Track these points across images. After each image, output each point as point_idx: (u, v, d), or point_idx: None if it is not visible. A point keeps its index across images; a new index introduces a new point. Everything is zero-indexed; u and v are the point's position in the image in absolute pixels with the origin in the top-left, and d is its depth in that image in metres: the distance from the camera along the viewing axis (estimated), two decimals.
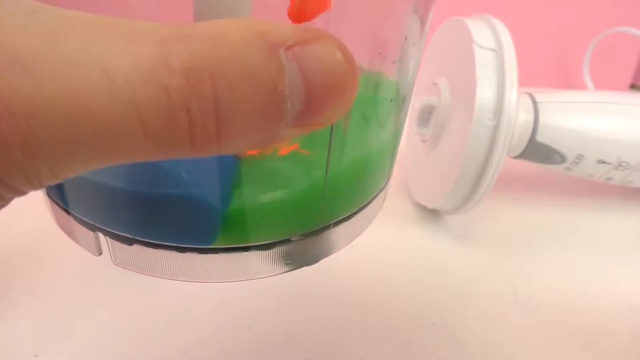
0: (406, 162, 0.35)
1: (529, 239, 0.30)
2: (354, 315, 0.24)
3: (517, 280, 0.26)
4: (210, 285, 0.24)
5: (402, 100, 0.14)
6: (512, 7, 0.48)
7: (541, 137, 0.27)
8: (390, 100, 0.13)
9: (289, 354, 0.22)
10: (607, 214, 0.33)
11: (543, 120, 0.27)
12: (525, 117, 0.27)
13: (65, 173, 0.08)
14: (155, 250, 0.12)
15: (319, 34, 0.08)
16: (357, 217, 0.14)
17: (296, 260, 0.13)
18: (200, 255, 0.12)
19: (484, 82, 0.24)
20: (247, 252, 0.12)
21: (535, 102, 0.28)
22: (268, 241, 0.12)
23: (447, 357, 0.22)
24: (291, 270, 0.13)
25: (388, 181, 0.15)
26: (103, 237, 0.12)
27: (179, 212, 0.11)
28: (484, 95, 0.24)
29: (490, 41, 0.25)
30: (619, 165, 0.29)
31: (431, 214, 0.31)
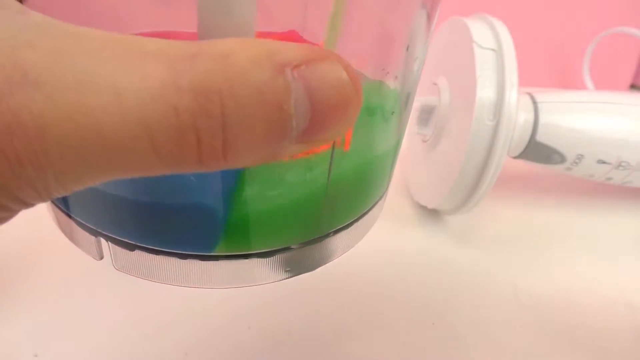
0: (406, 162, 0.35)
1: (529, 239, 0.30)
2: (354, 315, 0.24)
3: (517, 280, 0.26)
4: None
5: (403, 112, 0.14)
6: (512, 7, 0.48)
7: (541, 137, 0.27)
8: (392, 113, 0.13)
9: (289, 354, 0.22)
10: (607, 214, 0.33)
11: (543, 120, 0.27)
12: (525, 117, 0.27)
13: (74, 186, 0.08)
14: (157, 256, 0.12)
15: (325, 53, 0.08)
16: (356, 224, 0.14)
17: (296, 267, 0.13)
18: (201, 262, 0.12)
19: (484, 82, 0.24)
20: (248, 260, 0.12)
21: (535, 102, 0.28)
22: (268, 249, 0.12)
23: (447, 357, 0.22)
24: (290, 277, 0.13)
25: (387, 188, 0.16)
26: (105, 242, 0.12)
27: (182, 220, 0.11)
28: (484, 95, 0.24)
29: (490, 41, 0.25)
30: (619, 165, 0.29)
31: (431, 214, 0.31)
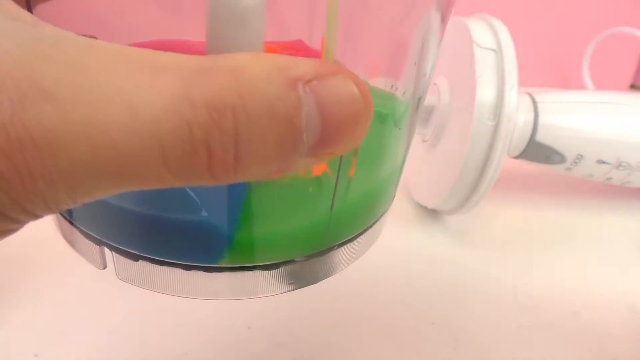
0: (406, 162, 0.35)
1: (529, 239, 0.30)
2: (354, 315, 0.24)
3: (517, 280, 0.26)
4: None
5: (410, 126, 0.14)
6: (512, 7, 0.48)
7: (541, 137, 0.27)
8: (399, 129, 0.13)
9: (289, 354, 0.22)
10: (607, 214, 0.33)
11: (543, 120, 0.27)
12: (525, 117, 0.27)
13: (84, 199, 0.08)
14: (161, 267, 0.12)
15: (336, 68, 0.08)
16: (362, 237, 0.14)
17: (299, 280, 0.13)
18: (205, 273, 0.12)
19: (484, 82, 0.24)
20: (252, 272, 0.12)
21: (535, 102, 0.28)
22: (273, 262, 0.12)
23: (447, 357, 0.22)
24: (294, 290, 0.13)
25: (392, 201, 0.16)
26: (108, 251, 0.12)
27: (187, 232, 0.11)
28: (484, 95, 0.24)
29: (490, 41, 0.25)
30: (619, 165, 0.29)
31: (431, 214, 0.31)
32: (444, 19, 0.12)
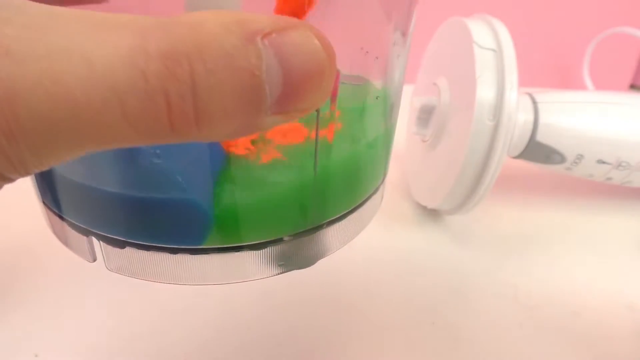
0: (406, 162, 0.35)
1: (529, 239, 0.30)
2: (354, 315, 0.24)
3: (517, 280, 0.26)
4: (210, 286, 0.24)
5: (389, 98, 0.14)
6: (512, 7, 0.48)
7: (541, 137, 0.27)
8: (376, 97, 0.13)
9: (289, 354, 0.22)
10: (607, 214, 0.33)
11: (543, 120, 0.27)
12: (525, 117, 0.27)
13: (49, 159, 0.08)
14: (148, 252, 0.12)
15: (296, 22, 0.08)
16: (351, 217, 0.14)
17: (290, 261, 0.13)
18: (192, 256, 0.12)
19: (484, 82, 0.24)
20: (239, 252, 0.12)
21: (535, 102, 0.28)
22: (259, 240, 0.12)
23: (447, 357, 0.22)
24: (285, 272, 0.13)
25: (383, 182, 0.15)
26: (96, 241, 0.12)
27: (168, 212, 0.11)
28: (484, 95, 0.24)
29: (490, 41, 0.25)
30: (619, 165, 0.29)
31: (431, 214, 0.31)
32: None
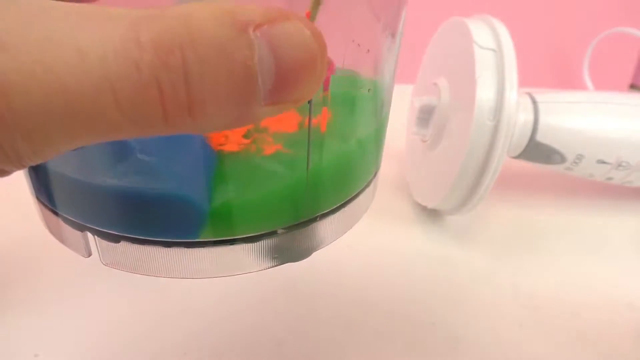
0: (406, 162, 0.35)
1: (529, 239, 0.30)
2: (354, 315, 0.24)
3: (517, 280, 0.26)
4: (210, 285, 0.24)
5: (381, 91, 0.14)
6: (512, 7, 0.48)
7: (541, 137, 0.27)
8: (368, 90, 0.13)
9: (289, 354, 0.22)
10: (607, 214, 0.33)
11: (543, 120, 0.27)
12: (525, 117, 0.27)
13: (44, 150, 0.08)
14: (142, 246, 0.12)
15: (287, 13, 0.08)
16: (344, 210, 0.14)
17: (283, 254, 0.13)
18: (187, 249, 0.12)
19: (484, 82, 0.24)
20: (233, 246, 0.12)
21: (535, 102, 0.28)
22: (253, 233, 0.12)
23: (447, 357, 0.22)
24: (279, 265, 0.13)
25: (376, 176, 0.15)
26: (91, 236, 0.12)
27: (162, 206, 0.11)
28: (484, 95, 0.24)
29: (490, 41, 0.25)
30: (619, 165, 0.29)
31: (431, 214, 0.31)
32: None
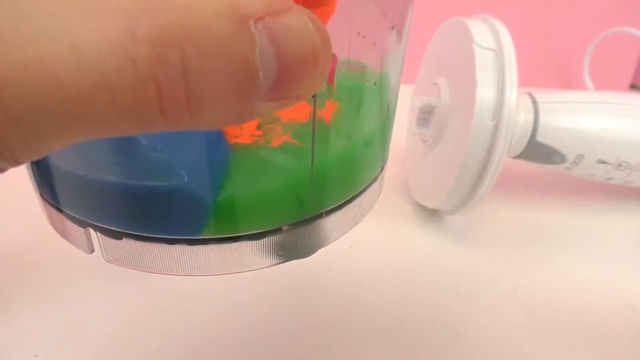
0: (406, 162, 0.35)
1: (529, 239, 0.30)
2: (354, 315, 0.24)
3: (518, 280, 0.26)
4: (210, 285, 0.24)
5: (388, 85, 0.14)
6: (512, 7, 0.48)
7: (541, 137, 0.27)
8: (374, 83, 0.13)
9: (289, 354, 0.22)
10: (608, 214, 0.33)
11: (543, 120, 0.27)
12: (525, 117, 0.27)
13: (39, 147, 0.08)
14: (145, 243, 0.12)
15: (289, 5, 0.08)
16: (350, 206, 0.14)
17: (288, 251, 0.13)
18: (190, 246, 0.12)
19: (484, 82, 0.24)
20: (238, 243, 0.12)
21: (535, 102, 0.28)
22: (258, 230, 0.12)
23: (447, 357, 0.22)
24: (284, 262, 0.13)
25: (382, 171, 0.15)
26: (94, 232, 0.12)
27: (165, 203, 0.11)
28: (484, 95, 0.24)
29: (490, 41, 0.25)
30: (619, 165, 0.29)
31: (431, 214, 0.31)
32: None
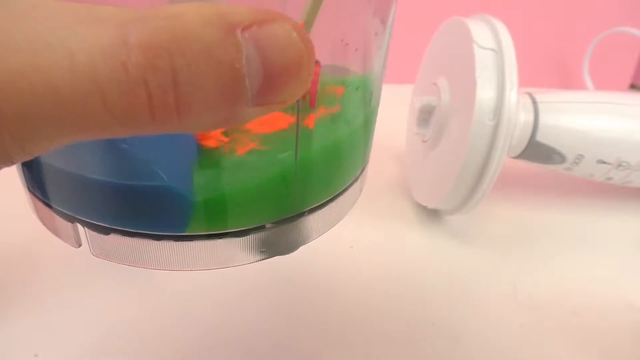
0: (406, 162, 0.35)
1: (529, 239, 0.30)
2: (354, 315, 0.24)
3: (517, 280, 0.26)
4: (211, 285, 0.24)
5: (369, 88, 0.14)
6: (512, 7, 0.48)
7: (541, 137, 0.27)
8: (357, 88, 0.13)
9: (288, 354, 0.22)
10: (607, 214, 0.33)
11: (543, 120, 0.27)
12: (525, 117, 0.27)
13: (32, 148, 0.08)
14: (132, 239, 0.12)
15: (275, 15, 0.09)
16: (331, 206, 0.14)
17: (271, 248, 0.13)
18: (176, 242, 0.12)
19: (484, 82, 0.24)
20: (222, 239, 0.12)
21: (535, 102, 0.28)
22: (241, 228, 0.12)
23: (447, 357, 0.22)
24: (267, 258, 0.13)
25: (363, 172, 0.16)
26: (81, 227, 0.12)
27: (149, 200, 0.12)
28: (484, 95, 0.24)
29: (490, 41, 0.25)
30: (619, 165, 0.29)
31: (431, 214, 0.31)
32: None
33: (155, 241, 0.12)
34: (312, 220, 0.14)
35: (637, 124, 0.28)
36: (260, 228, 0.13)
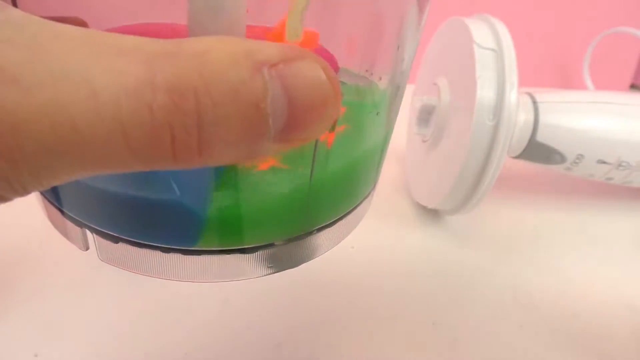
0: (406, 162, 0.35)
1: (529, 239, 0.30)
2: (354, 315, 0.24)
3: (517, 280, 0.26)
4: (211, 286, 0.24)
5: (389, 111, 0.14)
6: (512, 7, 0.48)
7: (541, 137, 0.27)
8: (377, 113, 0.13)
9: (289, 354, 0.22)
10: (607, 214, 0.33)
11: (543, 120, 0.27)
12: (525, 117, 0.27)
13: (49, 182, 0.08)
14: (140, 249, 0.12)
15: (303, 53, 0.08)
16: (341, 223, 0.14)
17: (278, 263, 0.13)
18: (184, 256, 0.12)
19: (484, 82, 0.24)
20: (230, 255, 0.12)
21: (535, 102, 0.28)
22: (251, 245, 0.12)
23: (447, 357, 0.22)
24: (273, 273, 0.13)
25: (374, 187, 0.16)
26: (90, 234, 0.12)
27: (163, 214, 0.12)
28: (484, 95, 0.24)
29: (490, 41, 0.25)
30: (619, 165, 0.29)
31: (431, 214, 0.31)
32: (421, 8, 0.12)
33: (163, 253, 0.12)
34: (322, 237, 0.14)
35: (637, 124, 0.28)
36: (270, 245, 0.13)
